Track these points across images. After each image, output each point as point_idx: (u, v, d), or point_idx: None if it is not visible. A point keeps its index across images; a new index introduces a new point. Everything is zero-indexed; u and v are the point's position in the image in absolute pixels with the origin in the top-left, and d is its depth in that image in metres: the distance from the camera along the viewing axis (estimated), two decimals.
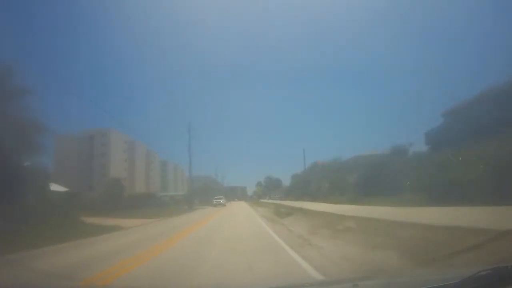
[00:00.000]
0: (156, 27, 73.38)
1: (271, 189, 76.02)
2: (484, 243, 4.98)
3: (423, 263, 4.95)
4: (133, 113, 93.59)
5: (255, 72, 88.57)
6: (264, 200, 52.71)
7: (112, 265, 6.68)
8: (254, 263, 6.27)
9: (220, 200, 47.19)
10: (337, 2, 43.88)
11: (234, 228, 14.43)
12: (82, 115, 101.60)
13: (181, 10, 59.28)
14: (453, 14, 40.44)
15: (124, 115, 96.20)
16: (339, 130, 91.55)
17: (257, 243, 9.30)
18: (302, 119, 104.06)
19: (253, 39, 71.11)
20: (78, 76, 77.63)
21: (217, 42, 70.55)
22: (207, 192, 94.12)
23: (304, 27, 58.72)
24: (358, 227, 9.73)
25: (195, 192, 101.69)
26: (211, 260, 6.93)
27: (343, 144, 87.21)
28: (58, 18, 67.56)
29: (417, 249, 5.91)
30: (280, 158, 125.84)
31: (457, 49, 44.12)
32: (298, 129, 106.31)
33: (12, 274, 6.32)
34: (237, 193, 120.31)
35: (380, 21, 51.50)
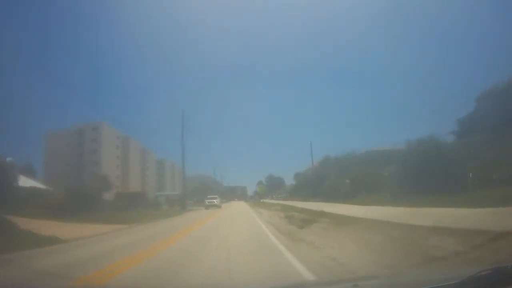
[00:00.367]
0: (156, 26, 71.17)
1: (273, 188, 71.22)
2: None
3: None
4: (131, 112, 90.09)
5: (255, 70, 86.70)
6: (266, 200, 47.76)
7: None
8: None
9: (214, 201, 38.64)
10: None
11: (225, 251, 7.77)
12: (76, 112, 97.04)
13: (181, 10, 57.26)
14: None
15: (122, 114, 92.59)
16: (340, 128, 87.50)
17: None
18: (303, 117, 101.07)
19: (251, 38, 68.29)
20: (71, 71, 73.30)
21: (216, 40, 67.76)
22: (205, 192, 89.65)
23: (307, 20, 53.89)
24: None
25: (192, 192, 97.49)
26: None
27: (344, 141, 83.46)
28: (48, 11, 63.05)
29: None
30: (281, 157, 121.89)
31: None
32: (299, 127, 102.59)
33: None
34: (237, 193, 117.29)
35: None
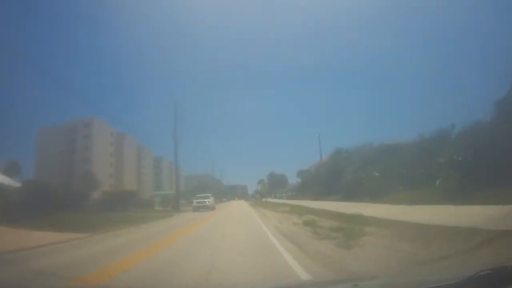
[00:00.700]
0: (155, 25, 69.42)
1: (275, 187, 66.97)
2: None
3: None
4: (128, 110, 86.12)
5: (255, 68, 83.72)
6: (269, 200, 43.54)
7: None
8: None
9: (205, 201, 30.20)
10: None
11: None
12: (72, 108, 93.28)
13: (181, 10, 55.17)
14: None
15: (119, 111, 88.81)
16: (340, 125, 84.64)
17: None
18: (303, 115, 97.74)
19: (250, 34, 66.15)
20: (64, 66, 69.35)
21: (216, 37, 65.18)
22: (204, 191, 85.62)
23: (311, 13, 50.03)
24: None
25: (190, 191, 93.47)
26: None
27: (346, 139, 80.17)
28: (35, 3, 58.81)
29: None
30: (282, 156, 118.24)
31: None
32: (299, 125, 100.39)
33: None
34: (237, 192, 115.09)
35: None
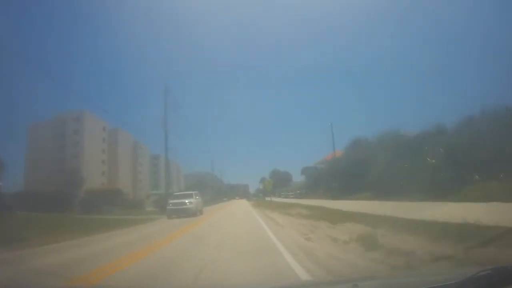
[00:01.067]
0: (156, 25, 67.94)
1: (279, 185, 62.08)
2: None
3: None
4: (125, 106, 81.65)
5: (255, 66, 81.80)
6: (274, 199, 38.72)
7: None
8: None
9: (186, 202, 20.36)
10: None
11: None
12: (65, 104, 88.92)
13: (180, 10, 52.19)
14: None
15: (115, 108, 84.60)
16: (345, 119, 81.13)
17: None
18: (304, 113, 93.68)
19: (250, 34, 64.27)
20: (56, 58, 65.01)
21: (216, 35, 65.43)
22: (203, 190, 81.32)
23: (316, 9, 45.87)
24: None
25: (188, 190, 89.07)
26: None
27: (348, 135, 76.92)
28: None
29: None
30: (284, 154, 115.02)
31: None
32: (300, 124, 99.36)
33: None
34: (238, 191, 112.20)
35: None
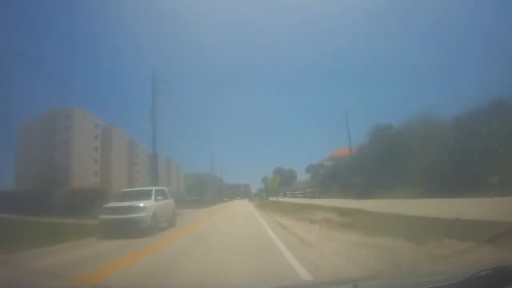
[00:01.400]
0: (156, 25, 63.52)
1: (283, 184, 57.36)
2: None
3: None
4: (123, 102, 77.76)
5: (255, 67, 76.69)
6: (281, 199, 34.34)
7: None
8: None
9: (136, 206, 10.24)
10: None
11: None
12: (58, 100, 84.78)
13: (180, 9, 48.55)
14: None
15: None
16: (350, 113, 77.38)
17: None
18: (305, 113, 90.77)
19: (249, 35, 60.30)
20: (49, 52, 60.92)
21: (216, 34, 59.83)
22: (201, 190, 77.17)
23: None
24: None
25: (185, 190, 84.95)
26: None
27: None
28: None
29: None
30: (286, 153, 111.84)
31: None
32: (301, 123, 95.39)
33: None
34: (240, 191, 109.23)
35: None
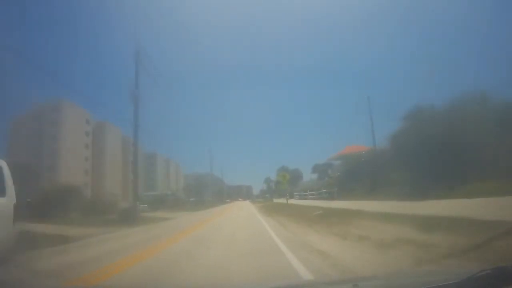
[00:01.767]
0: (156, 25, 60.48)
1: (289, 184, 51.98)
2: None
3: None
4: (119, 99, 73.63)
5: (256, 67, 76.78)
6: (291, 201, 29.13)
7: None
8: None
9: None
10: None
11: None
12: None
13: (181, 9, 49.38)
14: None
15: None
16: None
17: None
18: (306, 112, 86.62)
19: (250, 35, 61.24)
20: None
21: (217, 34, 60.36)
22: (201, 191, 72.28)
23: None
24: None
25: (182, 190, 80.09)
26: None
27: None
28: None
29: None
30: (288, 154, 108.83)
31: None
32: (302, 122, 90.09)
33: None
34: (241, 192, 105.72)
35: None
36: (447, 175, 12.03)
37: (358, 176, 20.62)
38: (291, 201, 31.39)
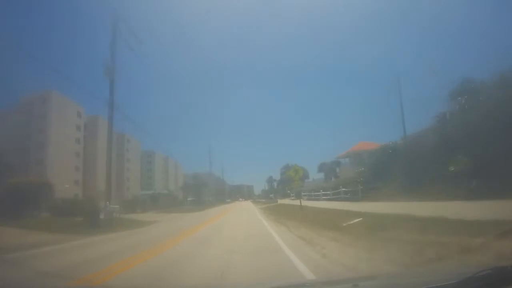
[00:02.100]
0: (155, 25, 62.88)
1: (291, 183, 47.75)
2: None
3: None
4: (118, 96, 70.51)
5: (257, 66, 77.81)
6: (305, 203, 24.23)
7: None
8: None
9: None
10: None
11: None
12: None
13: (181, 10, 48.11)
14: None
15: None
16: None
17: None
18: (307, 113, 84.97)
19: (250, 35, 61.25)
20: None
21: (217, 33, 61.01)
22: (201, 191, 68.59)
23: None
24: None
25: (180, 189, 76.39)
26: None
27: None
28: None
29: None
30: (288, 155, 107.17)
31: None
32: (303, 122, 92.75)
33: None
34: (243, 192, 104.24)
35: None
36: None
37: (386, 171, 16.70)
38: (307, 203, 26.57)
